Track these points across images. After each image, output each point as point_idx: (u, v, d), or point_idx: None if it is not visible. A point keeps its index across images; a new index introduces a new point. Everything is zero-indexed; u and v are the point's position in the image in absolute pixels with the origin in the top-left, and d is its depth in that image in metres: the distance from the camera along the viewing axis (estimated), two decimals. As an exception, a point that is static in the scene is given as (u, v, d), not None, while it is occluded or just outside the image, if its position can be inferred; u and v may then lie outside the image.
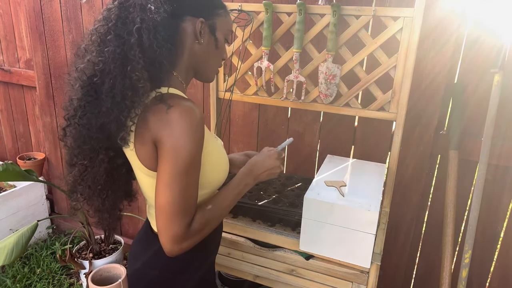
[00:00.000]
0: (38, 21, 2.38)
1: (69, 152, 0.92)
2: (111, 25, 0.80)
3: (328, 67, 1.39)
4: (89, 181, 0.92)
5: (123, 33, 0.79)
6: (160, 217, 0.82)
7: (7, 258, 1.81)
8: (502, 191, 1.51)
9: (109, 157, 0.90)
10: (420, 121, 1.55)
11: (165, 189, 0.80)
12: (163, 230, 0.82)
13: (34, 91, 2.73)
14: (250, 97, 1.58)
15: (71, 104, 0.87)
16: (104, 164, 0.90)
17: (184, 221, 0.82)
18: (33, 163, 2.76)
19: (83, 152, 0.89)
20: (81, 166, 0.91)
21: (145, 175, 0.89)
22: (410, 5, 1.25)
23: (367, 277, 1.19)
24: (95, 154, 0.89)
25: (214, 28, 0.93)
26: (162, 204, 0.81)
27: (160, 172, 0.82)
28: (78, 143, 0.89)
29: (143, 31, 0.79)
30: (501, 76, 1.33)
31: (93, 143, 0.87)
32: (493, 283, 1.63)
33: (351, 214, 1.13)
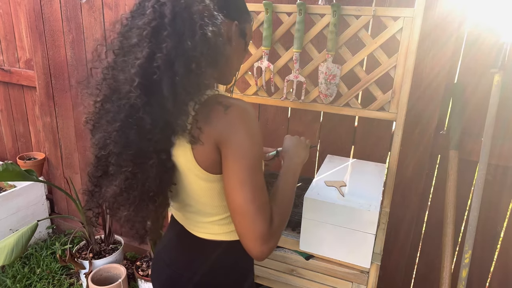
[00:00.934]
0: (38, 21, 2.38)
1: (104, 161, 0.83)
2: (167, 20, 0.75)
3: (328, 67, 1.39)
4: (137, 190, 0.83)
5: (183, 29, 0.75)
6: (242, 220, 0.79)
7: (7, 258, 1.81)
8: (502, 191, 1.51)
9: (161, 160, 0.82)
10: (420, 121, 1.55)
11: (241, 189, 0.79)
12: (249, 232, 0.79)
13: (34, 91, 2.73)
14: (250, 97, 1.58)
15: (121, 105, 0.77)
16: (155, 169, 0.81)
17: (267, 218, 0.80)
18: (33, 163, 2.76)
19: (125, 157, 0.79)
20: (125, 174, 0.81)
21: (200, 179, 0.86)
22: (410, 5, 1.25)
23: (367, 277, 1.19)
24: (145, 158, 0.80)
25: (244, 32, 0.94)
26: (240, 205, 0.79)
27: (231, 172, 0.80)
28: (120, 149, 0.79)
29: (206, 28, 0.77)
30: (501, 76, 1.33)
31: (144, 145, 0.78)
32: (493, 283, 1.63)
33: (351, 214, 1.13)
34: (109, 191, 0.84)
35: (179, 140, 0.82)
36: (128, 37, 0.80)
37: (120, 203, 0.85)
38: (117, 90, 0.79)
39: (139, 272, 2.11)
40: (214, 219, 0.94)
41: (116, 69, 0.81)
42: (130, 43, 0.79)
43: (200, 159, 0.83)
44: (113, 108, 0.79)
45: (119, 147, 0.79)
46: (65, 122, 2.53)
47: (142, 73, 0.75)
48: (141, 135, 0.78)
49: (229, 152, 0.80)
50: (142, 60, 0.75)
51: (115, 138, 0.79)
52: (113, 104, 0.79)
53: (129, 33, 0.80)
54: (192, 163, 0.84)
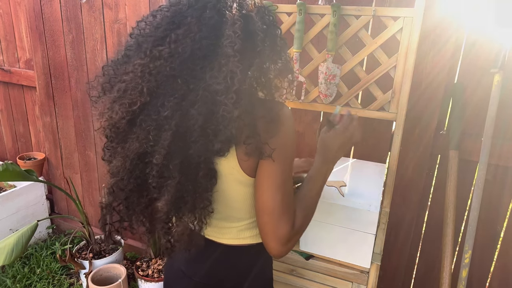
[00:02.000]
0: (38, 21, 2.38)
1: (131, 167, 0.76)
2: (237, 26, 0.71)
3: (328, 67, 1.39)
4: (189, 202, 0.77)
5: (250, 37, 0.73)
6: (269, 220, 0.81)
7: (7, 258, 1.81)
8: (502, 191, 1.51)
9: (210, 170, 0.79)
10: (420, 121, 1.55)
11: (275, 191, 0.80)
12: (273, 233, 0.81)
13: (34, 91, 2.73)
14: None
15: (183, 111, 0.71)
16: (206, 179, 0.77)
17: (290, 220, 0.82)
18: (33, 163, 2.76)
19: (173, 169, 0.73)
20: (171, 188, 0.74)
21: (240, 184, 0.84)
22: (410, 5, 1.25)
23: (367, 277, 1.19)
24: (192, 169, 0.75)
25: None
26: (271, 207, 0.80)
27: (268, 178, 0.80)
28: (162, 159, 0.72)
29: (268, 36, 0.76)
30: (501, 76, 1.33)
31: (193, 157, 0.73)
32: (493, 283, 1.63)
33: (351, 214, 1.13)
34: (160, 208, 0.77)
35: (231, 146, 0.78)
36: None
37: (169, 217, 0.79)
38: (174, 94, 0.71)
39: (139, 272, 2.11)
40: (242, 224, 0.93)
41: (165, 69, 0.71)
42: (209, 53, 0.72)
43: (245, 166, 0.82)
44: (168, 112, 0.70)
45: (166, 158, 0.72)
46: (65, 122, 2.53)
47: (241, 85, 0.70)
48: (195, 145, 0.72)
49: (270, 158, 0.79)
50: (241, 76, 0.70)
51: (167, 147, 0.71)
52: (168, 109, 0.71)
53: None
54: (236, 170, 0.82)
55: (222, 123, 0.71)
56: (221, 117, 0.71)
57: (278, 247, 0.81)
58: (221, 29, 0.71)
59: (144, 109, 0.73)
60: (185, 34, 0.70)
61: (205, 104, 0.70)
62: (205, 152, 0.73)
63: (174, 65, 0.70)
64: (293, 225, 0.82)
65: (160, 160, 0.72)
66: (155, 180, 0.74)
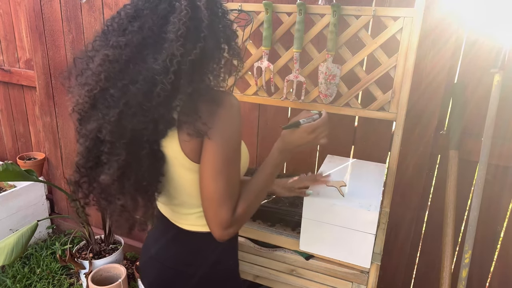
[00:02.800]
0: (38, 21, 2.38)
1: (90, 145, 0.83)
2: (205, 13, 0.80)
3: (328, 67, 1.39)
4: (131, 179, 0.84)
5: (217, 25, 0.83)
6: (209, 206, 0.86)
7: (7, 258, 1.81)
8: (502, 191, 1.51)
9: (154, 151, 0.85)
10: (420, 121, 1.55)
11: (215, 179, 0.84)
12: (213, 217, 0.86)
13: (34, 91, 2.73)
14: (250, 97, 1.58)
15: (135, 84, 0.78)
16: (149, 158, 0.84)
17: (230, 207, 0.86)
18: (33, 163, 2.76)
19: (120, 147, 0.81)
20: (116, 163, 0.81)
21: (186, 170, 0.89)
22: (410, 5, 1.25)
23: (367, 277, 1.19)
24: (137, 148, 0.82)
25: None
26: (211, 193, 0.85)
27: (208, 163, 0.84)
28: (112, 137, 0.80)
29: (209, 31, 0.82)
30: (501, 76, 1.33)
31: (138, 135, 0.80)
32: (493, 283, 1.63)
33: (351, 214, 1.13)
34: (102, 180, 0.84)
35: (170, 132, 0.85)
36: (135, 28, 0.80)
37: (114, 193, 0.86)
38: (126, 77, 0.79)
39: (139, 272, 2.11)
40: (199, 210, 0.96)
41: (121, 57, 0.79)
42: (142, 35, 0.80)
43: (187, 150, 0.86)
44: (116, 92, 0.79)
45: (114, 135, 0.80)
46: (65, 122, 2.53)
47: (178, 64, 0.77)
48: (141, 125, 0.79)
49: (211, 143, 0.83)
50: (182, 51, 0.77)
51: (113, 123, 0.79)
52: (116, 89, 0.79)
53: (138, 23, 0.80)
54: (179, 153, 0.87)
55: (160, 102, 0.78)
56: (158, 95, 0.77)
57: (219, 231, 0.87)
58: (168, 17, 0.79)
59: (103, 93, 0.81)
60: (140, 25, 0.79)
61: (146, 83, 0.77)
62: (146, 131, 0.80)
63: (128, 52, 0.79)
64: (234, 213, 0.87)
65: (105, 135, 0.80)
66: (106, 157, 0.82)
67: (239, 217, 0.88)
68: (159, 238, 1.06)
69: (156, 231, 1.09)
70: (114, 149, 0.81)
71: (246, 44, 1.53)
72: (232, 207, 0.87)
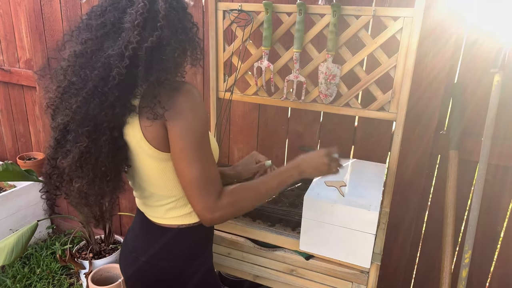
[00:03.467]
0: (38, 21, 2.38)
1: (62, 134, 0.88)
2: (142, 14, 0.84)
3: (328, 67, 1.39)
4: (90, 164, 0.87)
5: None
6: (192, 191, 0.88)
7: (7, 258, 1.81)
8: (502, 191, 1.51)
9: (113, 138, 0.88)
10: (420, 121, 1.55)
11: (189, 165, 0.86)
12: (196, 202, 0.88)
13: (34, 91, 2.73)
14: (250, 97, 1.58)
15: (93, 72, 0.83)
16: (107, 145, 0.87)
17: (212, 191, 0.88)
18: (33, 163, 2.76)
19: (81, 132, 0.84)
20: (79, 149, 0.85)
21: (152, 158, 0.91)
22: (410, 5, 1.25)
23: (367, 277, 1.19)
24: (97, 135, 0.85)
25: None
26: (189, 180, 0.87)
27: (178, 150, 0.86)
28: (76, 125, 0.84)
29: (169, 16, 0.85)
30: (501, 76, 1.33)
31: (98, 121, 0.84)
32: (493, 283, 1.63)
33: (351, 214, 1.13)
34: (61, 164, 0.88)
35: (131, 119, 0.88)
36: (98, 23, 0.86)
37: (74, 176, 0.89)
38: (88, 63, 0.84)
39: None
40: (167, 202, 0.98)
41: (86, 51, 0.85)
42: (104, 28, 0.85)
43: (150, 137, 0.88)
44: (79, 81, 0.84)
45: (77, 124, 0.84)
46: (65, 122, 2.53)
47: (134, 50, 0.81)
48: (100, 110, 0.83)
49: (175, 129, 0.85)
50: (139, 38, 0.81)
51: (75, 111, 0.83)
52: (79, 78, 0.84)
53: (101, 18, 0.86)
54: (142, 141, 0.89)
55: (117, 86, 0.82)
56: (113, 79, 0.81)
57: (204, 216, 0.89)
58: (127, 10, 0.84)
59: (69, 86, 0.86)
60: (103, 21, 0.84)
61: (104, 69, 0.82)
62: (106, 117, 0.84)
63: (91, 45, 0.84)
64: (218, 199, 0.88)
65: (70, 125, 0.85)
66: (70, 145, 0.86)
67: (224, 205, 0.89)
68: (135, 232, 1.08)
69: (134, 225, 1.11)
70: (78, 137, 0.85)
71: (246, 44, 1.53)
72: (215, 191, 0.88)
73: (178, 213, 1.00)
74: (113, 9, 0.85)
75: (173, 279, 1.02)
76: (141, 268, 1.03)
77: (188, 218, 1.01)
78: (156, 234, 1.02)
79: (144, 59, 0.82)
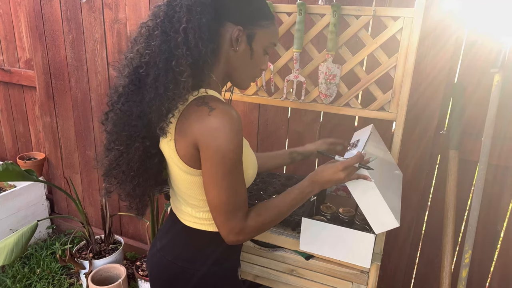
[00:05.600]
0: (38, 21, 2.38)
1: (108, 137, 0.96)
2: (159, 21, 0.85)
3: (328, 67, 1.39)
4: (123, 167, 0.94)
5: (169, 30, 0.84)
6: (218, 216, 0.89)
7: (7, 258, 1.81)
8: (502, 191, 1.51)
9: (145, 146, 0.92)
10: (420, 121, 1.55)
11: (218, 191, 0.86)
12: (222, 225, 0.90)
13: (34, 91, 2.73)
14: (250, 97, 1.58)
15: (116, 90, 0.90)
16: (139, 152, 0.91)
17: (238, 216, 0.89)
18: (33, 163, 2.76)
19: (121, 138, 0.91)
20: (117, 151, 0.93)
21: (181, 171, 0.92)
22: (410, 5, 1.25)
23: (367, 277, 1.19)
24: (131, 141, 0.91)
25: (252, 38, 0.93)
26: (216, 204, 0.88)
27: (208, 173, 0.86)
28: (117, 129, 0.91)
29: (188, 30, 0.83)
30: (501, 76, 1.33)
31: (131, 130, 0.89)
32: (493, 283, 1.63)
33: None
34: (103, 164, 0.98)
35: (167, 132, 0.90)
36: (137, 33, 0.90)
37: (112, 176, 0.98)
38: (122, 77, 0.90)
39: (139, 272, 2.11)
40: (196, 210, 0.99)
41: (125, 58, 0.92)
42: (135, 39, 0.90)
43: (182, 153, 0.89)
44: (114, 95, 0.91)
45: (117, 128, 0.91)
46: (65, 122, 2.53)
47: (133, 65, 0.86)
48: (129, 122, 0.89)
49: (207, 154, 0.84)
50: (135, 54, 0.86)
51: (115, 119, 0.91)
52: (114, 92, 0.92)
53: (139, 29, 0.90)
54: (174, 154, 0.90)
55: (143, 106, 0.87)
56: (141, 100, 0.87)
57: (227, 238, 0.91)
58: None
59: (113, 92, 0.94)
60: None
61: (131, 86, 0.88)
62: (135, 128, 0.89)
63: (145, 60, 0.88)
64: (243, 221, 0.90)
65: (114, 130, 0.92)
66: (111, 145, 0.94)
67: (250, 228, 0.91)
68: (166, 232, 1.09)
69: (165, 225, 1.12)
70: (116, 139, 0.92)
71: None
72: (241, 215, 0.89)
73: (208, 219, 0.99)
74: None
75: (197, 282, 1.02)
76: (166, 267, 1.03)
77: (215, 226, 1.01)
78: (187, 236, 1.02)
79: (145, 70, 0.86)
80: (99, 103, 2.34)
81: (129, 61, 0.87)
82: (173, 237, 1.05)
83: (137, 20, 2.04)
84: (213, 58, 0.90)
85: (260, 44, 0.95)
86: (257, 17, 0.93)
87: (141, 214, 1.08)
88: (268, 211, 0.94)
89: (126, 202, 1.05)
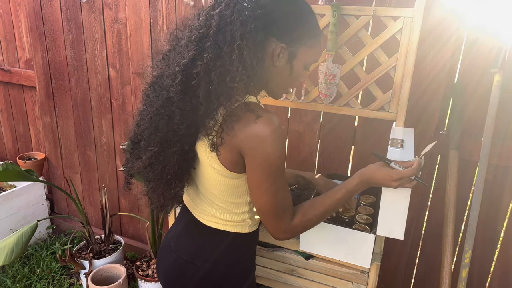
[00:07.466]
0: (38, 21, 2.38)
1: (138, 131, 0.95)
2: (211, 32, 0.83)
3: (328, 67, 1.39)
4: (158, 169, 0.93)
5: (223, 44, 0.82)
6: (267, 218, 0.92)
7: (7, 258, 1.81)
8: (502, 191, 1.51)
9: (183, 151, 0.91)
10: (420, 121, 1.55)
11: (266, 197, 0.89)
12: (271, 226, 0.93)
13: (34, 91, 2.73)
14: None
15: (162, 91, 0.88)
16: (176, 156, 0.91)
17: (286, 217, 0.93)
18: (33, 163, 2.76)
19: (154, 138, 0.90)
20: (150, 152, 0.92)
21: (218, 173, 0.92)
22: (410, 5, 1.25)
23: (367, 277, 1.19)
24: (167, 144, 0.90)
25: (294, 56, 0.93)
26: (267, 210, 0.91)
27: (256, 181, 0.89)
28: (153, 128, 0.90)
29: (243, 48, 0.82)
30: (501, 76, 1.33)
31: (169, 134, 0.88)
32: (493, 283, 1.63)
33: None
34: (138, 163, 0.96)
35: (204, 136, 0.90)
36: (182, 35, 0.90)
37: (144, 176, 0.98)
38: (161, 81, 0.89)
39: (139, 272, 2.11)
40: (220, 211, 0.99)
41: (166, 61, 0.90)
42: (181, 42, 0.88)
43: (223, 159, 0.89)
44: (153, 95, 0.90)
45: (150, 129, 0.90)
46: (65, 122, 2.53)
47: (185, 72, 0.84)
48: (169, 126, 0.87)
49: (255, 163, 0.86)
50: (187, 61, 0.84)
51: (147, 122, 0.90)
52: (154, 92, 0.90)
53: (185, 32, 0.89)
54: (214, 159, 0.90)
55: (190, 114, 0.86)
56: (191, 109, 0.86)
57: (277, 236, 0.95)
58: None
59: (151, 89, 0.93)
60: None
61: (180, 93, 0.85)
62: (173, 133, 0.88)
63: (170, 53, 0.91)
64: (291, 221, 0.93)
65: (148, 131, 0.91)
66: (143, 143, 0.94)
67: (296, 227, 0.94)
68: (180, 232, 1.08)
69: (178, 225, 1.11)
70: (150, 140, 0.91)
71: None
72: (289, 215, 0.93)
73: (232, 220, 1.00)
74: (196, 17, 0.90)
75: (215, 282, 1.01)
76: (183, 267, 1.03)
77: (241, 227, 1.01)
78: (203, 234, 1.02)
79: (198, 82, 0.84)
80: (99, 103, 2.34)
81: (181, 68, 0.84)
82: (191, 237, 1.04)
83: (137, 20, 2.04)
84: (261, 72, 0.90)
85: (301, 61, 0.95)
86: (301, 36, 0.93)
87: (168, 212, 1.09)
88: (314, 210, 0.96)
89: (152, 200, 1.03)
